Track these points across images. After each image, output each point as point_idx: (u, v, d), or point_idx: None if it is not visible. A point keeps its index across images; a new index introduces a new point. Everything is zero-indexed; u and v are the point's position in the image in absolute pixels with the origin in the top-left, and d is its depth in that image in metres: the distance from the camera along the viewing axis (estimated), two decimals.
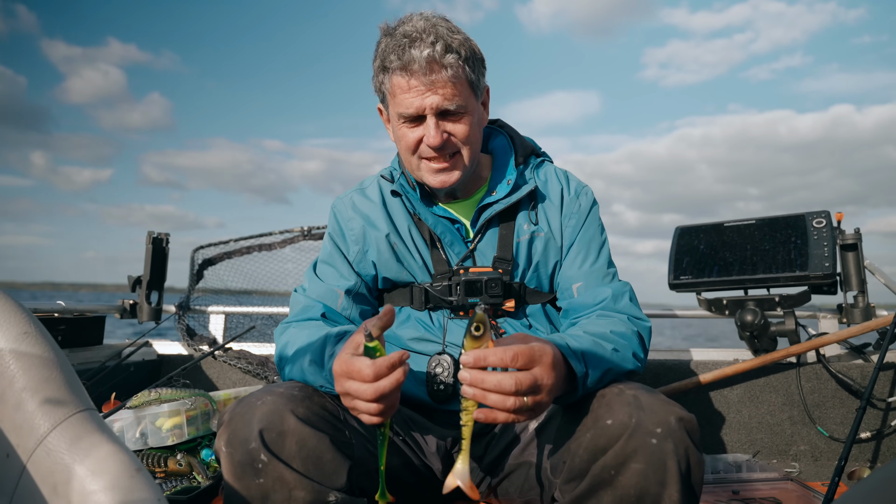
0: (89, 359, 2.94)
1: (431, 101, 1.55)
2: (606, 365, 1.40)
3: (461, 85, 1.58)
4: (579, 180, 1.82)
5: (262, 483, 1.26)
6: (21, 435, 0.85)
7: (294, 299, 1.74)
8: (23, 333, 0.90)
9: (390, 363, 1.20)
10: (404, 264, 1.75)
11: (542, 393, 1.21)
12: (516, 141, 1.84)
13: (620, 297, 1.64)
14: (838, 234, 2.77)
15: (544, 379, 1.20)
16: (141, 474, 0.84)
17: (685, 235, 3.05)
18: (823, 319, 2.95)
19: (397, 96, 1.59)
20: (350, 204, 1.82)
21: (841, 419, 2.72)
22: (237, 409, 1.36)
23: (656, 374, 2.86)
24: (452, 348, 1.65)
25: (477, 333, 1.18)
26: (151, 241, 3.37)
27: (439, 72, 1.53)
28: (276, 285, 3.72)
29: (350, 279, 1.74)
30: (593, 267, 1.71)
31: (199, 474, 2.05)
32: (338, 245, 1.79)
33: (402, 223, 1.76)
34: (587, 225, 1.76)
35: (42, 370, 0.88)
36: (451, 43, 1.54)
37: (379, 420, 1.25)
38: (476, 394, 1.17)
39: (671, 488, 1.21)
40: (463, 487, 1.23)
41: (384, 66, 1.58)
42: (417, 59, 1.51)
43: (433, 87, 1.54)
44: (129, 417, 2.16)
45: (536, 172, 1.80)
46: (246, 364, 3.14)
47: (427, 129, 1.58)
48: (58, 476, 0.82)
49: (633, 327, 1.56)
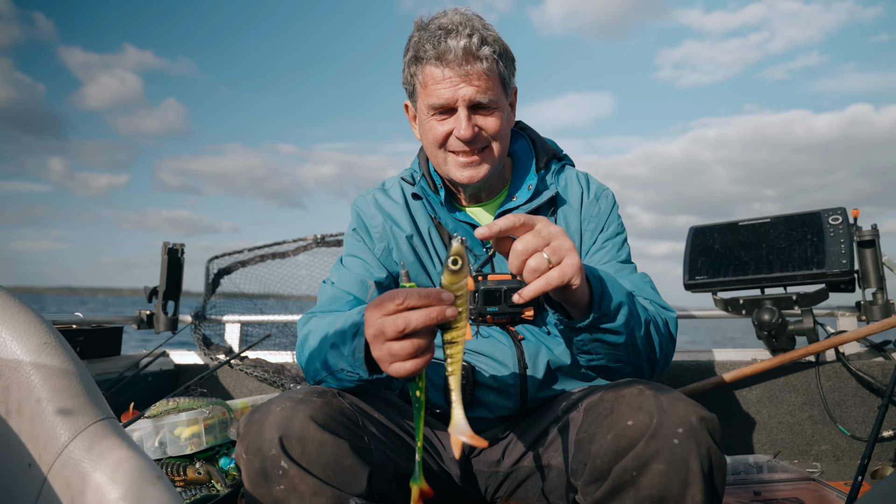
0: (107, 369, 2.96)
1: (465, 92, 1.55)
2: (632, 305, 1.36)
3: (494, 79, 1.58)
4: (600, 183, 1.81)
5: (282, 490, 1.26)
6: (42, 444, 0.85)
7: (322, 290, 1.71)
8: (42, 344, 0.90)
9: (424, 294, 1.11)
10: (425, 267, 1.73)
11: (562, 250, 1.18)
12: (538, 144, 1.82)
13: (643, 288, 1.62)
14: (855, 230, 2.74)
15: (557, 237, 1.19)
16: (161, 482, 0.85)
17: (699, 235, 3.03)
18: (842, 317, 2.92)
19: (429, 87, 1.58)
20: (373, 201, 1.80)
21: (862, 418, 2.69)
22: (256, 416, 1.36)
23: (674, 374, 2.84)
24: (469, 356, 1.64)
25: (454, 267, 1.12)
26: (167, 251, 3.40)
27: (474, 63, 1.53)
28: (291, 290, 3.74)
29: (381, 272, 1.71)
30: (612, 263, 1.69)
31: (217, 482, 2.06)
32: (363, 240, 1.76)
33: (424, 226, 1.74)
34: (607, 226, 1.75)
35: (62, 380, 0.89)
36: (486, 37, 1.55)
37: (412, 367, 1.14)
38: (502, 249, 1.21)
39: (694, 489, 1.19)
40: (466, 439, 1.13)
41: (417, 57, 1.58)
42: (454, 48, 1.51)
43: (468, 78, 1.54)
44: (147, 427, 2.17)
45: (557, 177, 1.78)
46: (262, 372, 3.15)
47: (458, 121, 1.58)
48: (78, 484, 0.82)
49: (660, 313, 1.52)
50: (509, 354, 1.63)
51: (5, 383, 0.87)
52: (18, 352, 0.88)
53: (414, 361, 1.15)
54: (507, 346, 1.64)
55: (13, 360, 0.87)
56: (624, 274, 1.67)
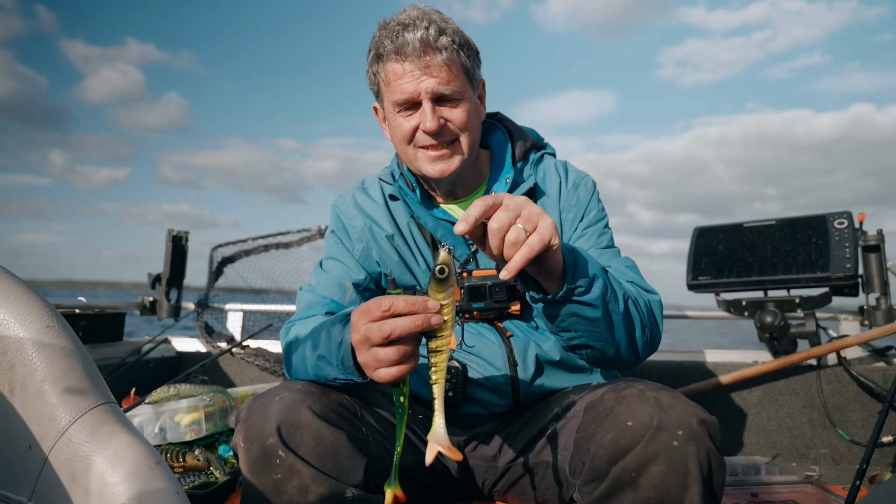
0: (109, 355, 2.98)
1: (427, 84, 1.54)
2: (606, 279, 1.35)
3: (456, 69, 1.57)
4: (578, 171, 1.79)
5: (279, 478, 1.26)
6: (43, 426, 0.86)
7: (300, 297, 1.71)
8: (45, 327, 0.91)
9: (411, 302, 1.14)
10: (408, 266, 1.72)
11: (534, 216, 1.18)
12: (514, 135, 1.80)
13: (623, 271, 1.59)
14: (860, 235, 2.73)
15: (525, 205, 1.19)
16: (160, 467, 0.85)
17: (704, 236, 3.02)
18: (844, 321, 2.91)
19: (391, 84, 1.57)
20: (352, 202, 1.79)
21: (862, 423, 2.69)
22: (255, 404, 1.37)
23: (674, 375, 2.84)
24: (460, 354, 1.64)
25: (441, 276, 1.13)
26: (171, 238, 3.41)
27: (433, 55, 1.53)
28: (293, 283, 3.74)
29: (359, 273, 1.72)
30: (594, 250, 1.67)
31: (216, 469, 2.07)
32: (342, 241, 1.77)
33: (405, 225, 1.73)
34: (587, 213, 1.72)
35: (64, 363, 0.89)
36: (444, 28, 1.54)
37: (397, 374, 1.17)
38: (475, 236, 1.18)
39: (692, 491, 1.19)
40: (443, 450, 1.15)
41: (378, 55, 1.58)
42: (411, 41, 1.51)
43: (428, 70, 1.53)
44: (148, 413, 2.18)
45: (536, 168, 1.76)
46: (263, 361, 3.16)
47: (423, 114, 1.57)
48: (78, 467, 0.83)
49: (641, 295, 1.50)
50: (498, 352, 1.63)
51: (9, 363, 0.87)
52: (22, 334, 0.88)
53: (399, 367, 1.17)
54: (495, 344, 1.64)
55: (16, 342, 0.88)
56: (604, 259, 1.65)
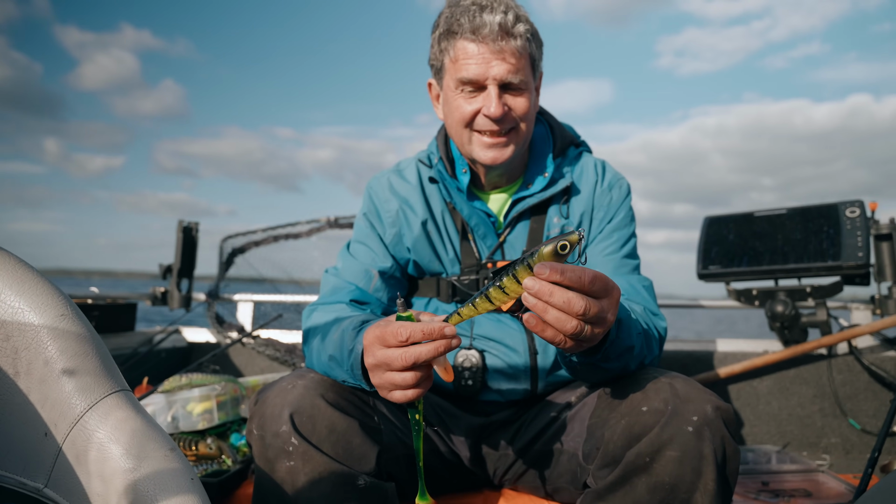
0: (121, 345, 3.00)
1: (497, 70, 1.52)
2: (630, 342, 1.31)
3: (525, 59, 1.56)
4: (616, 172, 1.77)
5: (292, 466, 1.27)
6: (58, 414, 0.86)
7: (325, 280, 1.70)
8: (60, 315, 0.91)
9: (428, 329, 1.12)
10: (437, 253, 1.72)
11: (601, 326, 1.09)
12: (556, 131, 1.79)
13: (638, 291, 1.59)
14: (872, 224, 2.71)
15: (608, 313, 1.09)
16: (175, 453, 0.86)
17: (714, 225, 3.01)
18: (856, 311, 2.90)
19: (459, 61, 1.55)
20: (387, 185, 1.77)
21: (874, 412, 2.68)
22: (268, 393, 1.37)
23: (685, 364, 2.84)
24: (480, 341, 1.64)
25: (562, 252, 1.05)
26: (182, 229, 3.42)
27: (508, 40, 1.51)
28: (303, 274, 3.76)
29: (386, 261, 1.71)
30: (615, 255, 1.67)
31: (228, 458, 2.08)
32: (373, 225, 1.75)
33: (438, 211, 1.72)
34: (616, 216, 1.72)
35: (79, 351, 0.90)
36: (521, 15, 1.54)
37: (413, 395, 1.18)
38: (538, 305, 1.04)
39: (706, 477, 1.19)
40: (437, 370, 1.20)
41: (450, 31, 1.56)
42: (490, 23, 1.49)
43: (501, 54, 1.51)
44: (160, 402, 2.19)
45: (573, 165, 1.75)
46: (274, 351, 3.17)
47: (488, 99, 1.55)
48: (93, 453, 0.83)
49: (650, 321, 1.49)
50: (520, 340, 1.63)
51: (24, 350, 0.88)
52: (36, 321, 0.89)
53: (414, 391, 1.18)
54: (517, 332, 1.63)
55: (31, 330, 0.88)
56: (623, 272, 1.64)
